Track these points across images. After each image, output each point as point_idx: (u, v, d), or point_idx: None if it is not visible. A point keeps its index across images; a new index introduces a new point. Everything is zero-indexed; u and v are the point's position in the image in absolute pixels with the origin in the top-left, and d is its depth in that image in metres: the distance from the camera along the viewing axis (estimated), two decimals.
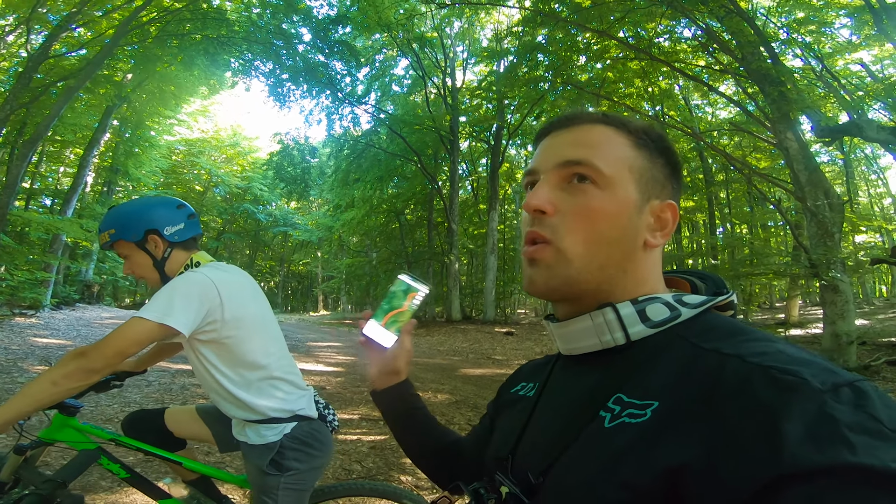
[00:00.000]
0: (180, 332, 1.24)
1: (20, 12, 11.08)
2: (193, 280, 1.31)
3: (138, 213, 1.42)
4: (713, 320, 0.49)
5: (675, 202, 0.56)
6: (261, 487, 1.38)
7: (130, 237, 1.40)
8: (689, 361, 0.44)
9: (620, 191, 0.52)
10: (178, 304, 1.25)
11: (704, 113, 16.56)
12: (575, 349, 0.55)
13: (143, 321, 1.22)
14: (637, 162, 0.54)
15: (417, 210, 22.96)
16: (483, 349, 11.60)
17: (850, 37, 9.19)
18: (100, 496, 2.60)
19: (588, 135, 0.55)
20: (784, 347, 0.40)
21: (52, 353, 7.01)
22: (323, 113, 18.19)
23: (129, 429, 1.62)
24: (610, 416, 0.45)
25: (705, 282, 0.58)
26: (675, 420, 0.40)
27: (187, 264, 1.44)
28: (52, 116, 10.26)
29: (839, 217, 7.22)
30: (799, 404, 0.34)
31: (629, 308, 0.50)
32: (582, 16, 8.97)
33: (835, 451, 0.31)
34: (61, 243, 14.22)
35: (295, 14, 14.03)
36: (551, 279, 0.52)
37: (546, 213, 0.52)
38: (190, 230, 1.47)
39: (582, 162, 0.52)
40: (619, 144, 0.54)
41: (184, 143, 27.39)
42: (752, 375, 0.38)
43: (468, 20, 18.11)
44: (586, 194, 0.52)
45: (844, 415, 0.33)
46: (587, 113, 0.57)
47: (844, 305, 6.78)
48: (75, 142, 16.96)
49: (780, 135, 7.56)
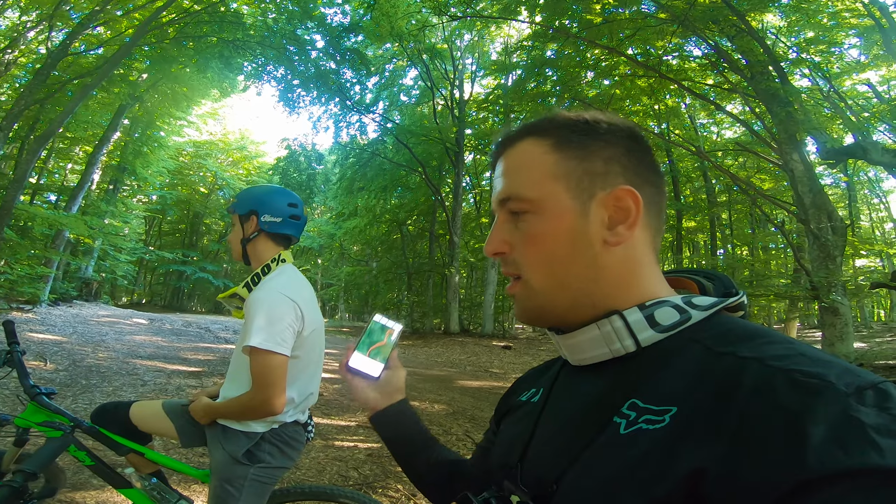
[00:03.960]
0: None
1: (44, 8, 11.24)
2: (285, 305, 1.39)
3: (255, 195, 1.56)
4: (726, 322, 0.47)
5: (631, 185, 0.51)
6: (227, 477, 1.39)
7: (239, 210, 1.55)
8: (704, 365, 0.43)
9: (552, 206, 0.51)
10: (282, 331, 1.36)
11: (710, 132, 16.64)
12: (584, 359, 0.53)
13: (273, 354, 1.33)
14: (560, 166, 0.51)
15: (420, 221, 22.98)
16: (481, 362, 11.52)
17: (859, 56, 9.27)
18: (90, 494, 2.56)
19: (512, 160, 0.55)
20: (804, 350, 0.39)
21: (47, 349, 6.96)
22: (331, 120, 18.39)
23: (96, 419, 1.65)
24: (626, 423, 0.44)
25: (713, 282, 0.55)
26: (694, 425, 0.39)
27: (274, 258, 1.53)
28: (65, 113, 10.36)
29: (842, 240, 7.22)
30: (823, 407, 0.33)
31: (637, 314, 0.48)
32: (592, 32, 9.06)
33: (862, 453, 0.31)
34: (64, 239, 14.26)
35: (310, 20, 14.25)
36: (526, 311, 0.54)
37: (504, 252, 0.54)
38: (286, 228, 1.55)
39: (509, 197, 0.53)
40: (537, 156, 0.52)
41: (192, 145, 27.60)
42: (775, 379, 0.37)
43: (478, 33, 18.35)
44: (527, 223, 0.52)
45: (869, 417, 0.32)
46: (511, 132, 0.56)
47: (844, 328, 6.79)
48: (85, 139, 17.10)
49: (785, 156, 7.58)
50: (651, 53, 9.82)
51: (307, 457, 3.38)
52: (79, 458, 1.58)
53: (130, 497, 1.62)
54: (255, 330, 1.31)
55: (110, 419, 1.63)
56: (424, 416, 4.96)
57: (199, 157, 28.58)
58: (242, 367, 1.44)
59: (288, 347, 1.36)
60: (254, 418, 1.38)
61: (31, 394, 1.59)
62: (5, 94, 14.46)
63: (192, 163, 28.72)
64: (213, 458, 1.46)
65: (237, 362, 1.50)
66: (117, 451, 1.60)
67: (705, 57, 9.29)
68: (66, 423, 1.57)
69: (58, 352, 6.90)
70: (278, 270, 1.50)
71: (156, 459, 1.63)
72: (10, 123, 10.49)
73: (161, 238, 32.69)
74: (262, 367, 1.32)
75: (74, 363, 6.22)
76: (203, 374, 6.41)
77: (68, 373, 5.65)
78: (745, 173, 15.08)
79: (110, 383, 5.35)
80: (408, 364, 10.12)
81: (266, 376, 1.32)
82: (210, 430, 1.49)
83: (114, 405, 1.69)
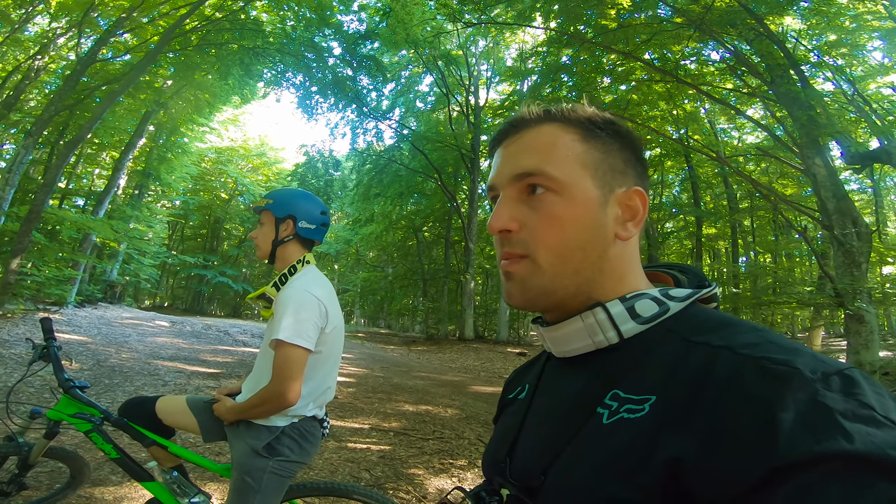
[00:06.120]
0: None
1: (73, 15, 11.63)
2: (311, 303, 1.46)
3: (293, 198, 1.62)
4: (701, 313, 0.49)
5: (641, 187, 0.54)
6: (247, 469, 1.44)
7: (276, 212, 1.60)
8: (681, 355, 0.44)
9: (579, 191, 0.51)
10: (308, 328, 1.42)
11: (731, 137, 16.31)
12: (568, 352, 0.54)
13: (297, 348, 1.40)
14: (589, 156, 0.52)
15: (435, 227, 23.04)
16: (495, 368, 11.46)
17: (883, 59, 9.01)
18: (108, 489, 2.63)
19: (535, 139, 0.53)
20: (774, 338, 0.40)
21: (73, 349, 7.17)
22: (348, 126, 18.59)
23: (124, 412, 1.72)
24: (608, 413, 0.45)
25: (686, 275, 0.57)
26: (671, 414, 0.40)
27: (300, 259, 1.60)
28: (94, 119, 10.65)
29: (867, 247, 7.02)
30: (791, 393, 0.34)
31: (619, 306, 0.50)
32: (607, 37, 9.01)
33: (830, 439, 0.31)
34: (91, 243, 14.68)
35: (327, 28, 14.48)
36: (527, 291, 0.52)
37: (511, 231, 0.52)
38: (316, 234, 1.64)
39: (533, 172, 0.52)
40: (567, 142, 0.53)
41: (213, 151, 28.17)
42: (744, 367, 0.38)
43: (493, 39, 18.39)
44: (546, 203, 0.51)
45: (836, 402, 0.33)
46: (532, 114, 0.55)
47: (869, 336, 6.60)
48: (112, 145, 17.59)
49: (808, 160, 7.41)
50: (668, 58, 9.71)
51: (320, 457, 3.42)
52: (105, 450, 1.66)
53: (151, 490, 1.68)
54: (282, 325, 1.38)
55: (137, 412, 1.70)
56: (437, 421, 4.96)
57: (220, 163, 29.14)
58: (266, 363, 1.50)
59: (312, 343, 1.42)
60: (272, 410, 1.42)
61: (65, 387, 1.68)
62: (35, 100, 14.94)
63: (214, 168, 29.28)
64: (234, 451, 1.51)
65: (262, 358, 1.57)
66: (142, 442, 1.66)
67: (723, 61, 9.15)
68: (96, 414, 1.67)
69: (83, 352, 7.10)
70: (304, 271, 1.57)
71: (178, 453, 1.69)
72: (40, 129, 10.84)
73: (183, 242, 33.36)
74: (284, 360, 1.38)
75: (98, 363, 6.40)
76: (221, 376, 6.53)
77: (92, 372, 5.82)
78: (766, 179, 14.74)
79: (132, 383, 5.49)
80: (422, 370, 10.13)
81: (287, 368, 1.38)
82: (232, 425, 1.55)
83: (141, 399, 1.76)
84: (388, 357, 12.39)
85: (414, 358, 12.98)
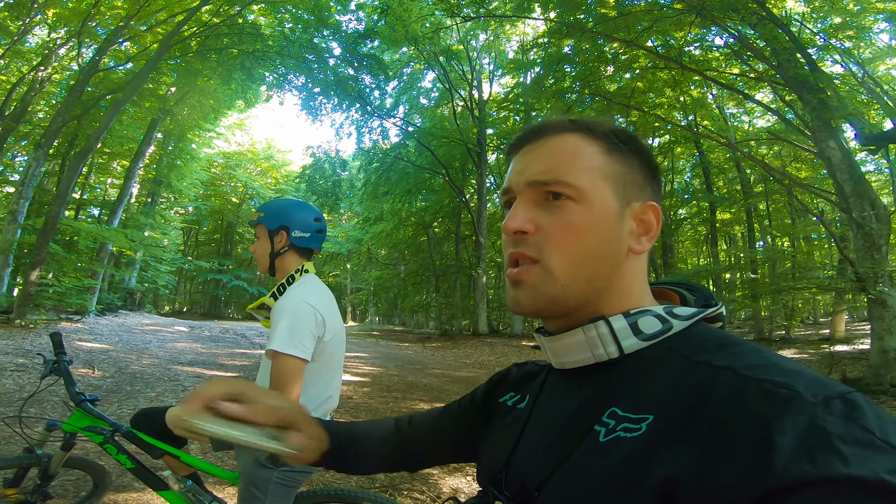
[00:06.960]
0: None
1: (71, 26, 11.75)
2: (306, 312, 1.46)
3: (283, 209, 1.62)
4: (704, 332, 0.49)
5: (656, 203, 0.55)
6: (253, 480, 1.45)
7: (268, 224, 1.61)
8: (681, 374, 0.44)
9: (598, 202, 0.51)
10: (303, 337, 1.42)
11: (741, 122, 16.00)
12: (567, 363, 0.54)
13: (292, 358, 1.39)
14: (611, 168, 0.53)
15: (445, 223, 23.01)
16: (510, 362, 11.33)
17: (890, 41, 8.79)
18: (132, 496, 2.71)
19: (558, 147, 0.54)
20: (777, 360, 0.40)
21: (95, 357, 7.35)
22: (353, 126, 18.59)
23: (134, 424, 1.76)
24: (605, 431, 0.45)
25: (694, 293, 0.57)
26: (668, 434, 0.40)
27: (298, 268, 1.60)
28: (101, 128, 10.81)
29: (886, 228, 6.86)
30: (791, 417, 0.34)
31: (622, 321, 0.50)
32: (608, 26, 8.88)
33: (827, 462, 0.31)
34: (107, 252, 14.97)
35: (325, 28, 14.49)
36: (537, 299, 0.52)
37: (528, 232, 0.52)
38: (313, 242, 1.64)
39: (555, 180, 0.52)
40: (590, 153, 0.53)
41: (222, 156, 28.51)
42: (745, 388, 0.38)
43: (493, 33, 18.25)
44: (566, 210, 0.51)
45: (836, 426, 0.33)
46: (554, 122, 0.56)
47: (892, 321, 6.45)
48: (122, 154, 17.87)
49: (821, 143, 7.25)
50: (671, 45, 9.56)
51: None
52: (120, 461, 1.70)
53: (168, 499, 1.73)
54: (277, 335, 1.39)
55: (147, 423, 1.74)
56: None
57: (229, 168, 29.49)
58: (267, 373, 1.52)
59: (308, 352, 1.42)
60: None
61: (76, 400, 1.72)
62: (43, 111, 15.11)
63: (223, 173, 29.65)
64: (240, 461, 1.53)
65: (263, 368, 1.59)
66: (151, 453, 1.70)
67: (728, 46, 8.97)
68: (107, 427, 1.70)
69: (105, 360, 7.28)
70: (301, 280, 1.58)
71: (190, 462, 1.73)
72: (50, 140, 11.02)
73: (198, 248, 33.85)
74: (280, 369, 1.39)
75: (120, 370, 6.56)
76: (239, 380, 6.64)
77: (114, 379, 5.96)
78: (779, 162, 14.46)
79: (153, 389, 5.61)
80: (436, 366, 10.19)
81: (282, 378, 1.38)
82: None
83: (152, 410, 1.81)
84: (403, 355, 12.47)
85: (428, 355, 13.05)
